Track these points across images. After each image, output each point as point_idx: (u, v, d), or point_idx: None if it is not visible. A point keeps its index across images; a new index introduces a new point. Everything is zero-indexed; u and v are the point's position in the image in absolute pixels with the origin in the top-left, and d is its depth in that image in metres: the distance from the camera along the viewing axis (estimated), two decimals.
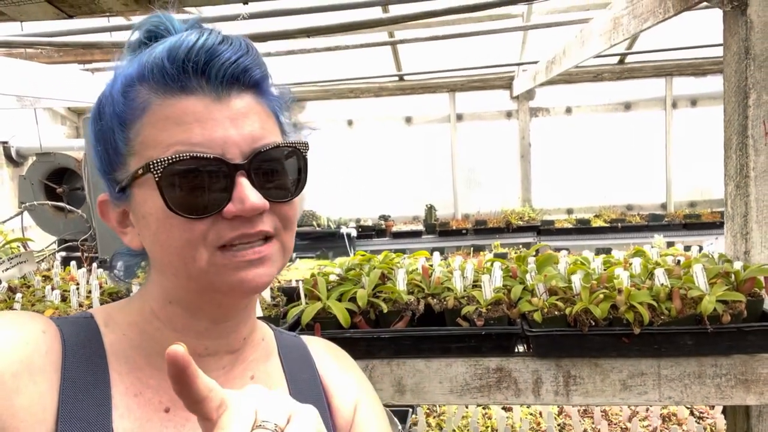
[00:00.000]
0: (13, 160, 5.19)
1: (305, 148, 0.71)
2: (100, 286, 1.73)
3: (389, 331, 1.41)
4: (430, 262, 1.69)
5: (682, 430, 2.43)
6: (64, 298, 1.67)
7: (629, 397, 1.35)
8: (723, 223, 1.60)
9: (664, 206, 5.83)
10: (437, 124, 6.13)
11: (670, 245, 1.85)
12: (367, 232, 5.51)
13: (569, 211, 6.00)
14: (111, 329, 0.72)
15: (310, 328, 1.41)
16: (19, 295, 1.66)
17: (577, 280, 1.41)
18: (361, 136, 6.19)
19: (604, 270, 1.53)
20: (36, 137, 4.56)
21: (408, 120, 6.17)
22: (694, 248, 1.84)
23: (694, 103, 5.73)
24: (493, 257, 1.76)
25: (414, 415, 2.52)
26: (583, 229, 5.17)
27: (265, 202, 0.65)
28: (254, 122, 0.67)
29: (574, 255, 1.72)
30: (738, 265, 1.39)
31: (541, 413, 2.65)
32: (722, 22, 1.53)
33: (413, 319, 1.45)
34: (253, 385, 0.54)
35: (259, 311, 1.52)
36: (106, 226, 0.72)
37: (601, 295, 1.34)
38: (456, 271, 1.52)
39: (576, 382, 1.35)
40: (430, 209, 5.60)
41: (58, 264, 2.07)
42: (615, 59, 5.57)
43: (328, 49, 4.30)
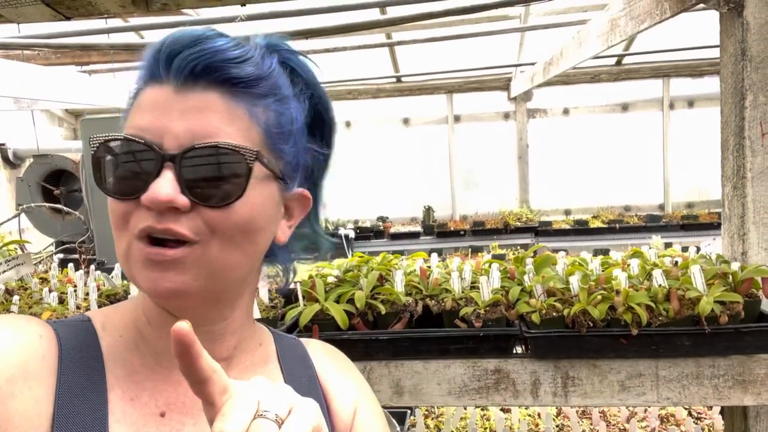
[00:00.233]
0: (10, 162, 5.19)
1: (252, 157, 0.64)
2: (98, 289, 1.73)
3: (387, 333, 1.41)
4: (428, 264, 1.69)
5: (680, 431, 2.44)
6: (61, 301, 1.66)
7: (627, 398, 1.35)
8: (720, 224, 1.60)
9: (661, 207, 5.84)
10: (435, 126, 6.14)
11: (667, 246, 1.86)
12: (365, 234, 5.52)
13: (567, 212, 6.01)
14: (108, 332, 0.71)
15: (308, 329, 1.41)
16: (17, 298, 1.65)
17: (575, 282, 1.41)
18: (359, 138, 6.19)
19: (602, 271, 1.53)
20: (33, 139, 4.55)
21: (406, 121, 6.17)
22: (691, 249, 1.84)
23: (691, 104, 5.74)
24: (491, 258, 1.75)
25: (412, 417, 2.52)
26: (581, 230, 5.17)
27: (175, 198, 0.61)
28: (207, 119, 0.63)
29: (572, 256, 1.72)
30: (735, 266, 1.39)
31: (539, 414, 2.65)
32: (719, 23, 1.54)
33: (411, 320, 1.45)
34: (258, 377, 0.54)
35: (257, 313, 1.52)
36: (104, 228, 0.73)
37: (599, 297, 1.34)
38: (454, 272, 1.52)
39: (574, 383, 1.35)
40: (428, 210, 5.60)
41: (56, 266, 2.06)
42: (612, 60, 5.58)
43: (326, 50, 4.30)
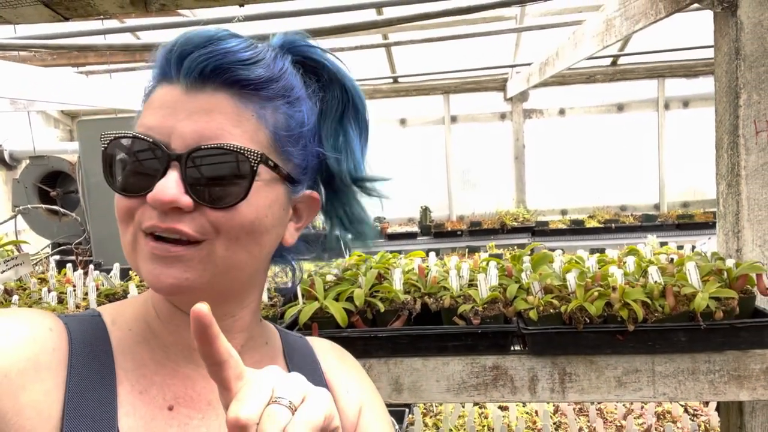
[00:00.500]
0: (7, 163, 5.17)
1: (256, 159, 0.64)
2: (97, 288, 1.73)
3: (386, 330, 1.41)
4: (426, 263, 1.70)
5: (677, 428, 2.45)
6: (60, 300, 1.67)
7: (624, 393, 1.36)
8: (715, 223, 1.61)
9: (657, 207, 5.87)
10: (432, 126, 6.15)
11: (663, 245, 1.87)
12: None
13: (563, 212, 6.03)
14: (118, 326, 0.72)
15: (307, 327, 1.42)
16: (16, 298, 1.65)
17: (572, 279, 1.42)
18: None
19: (599, 268, 1.54)
20: (29, 140, 4.55)
21: (402, 122, 6.18)
22: (687, 247, 1.86)
23: (686, 104, 5.77)
24: (488, 257, 1.77)
25: (411, 415, 2.53)
26: (577, 229, 5.19)
27: (178, 199, 0.62)
28: (214, 121, 0.64)
29: (568, 254, 1.73)
30: (730, 263, 1.40)
31: (537, 412, 2.66)
32: (713, 23, 1.55)
33: (410, 318, 1.46)
34: (272, 366, 0.55)
35: None
36: (101, 230, 0.74)
37: (596, 293, 1.35)
38: (452, 270, 1.53)
39: (571, 379, 1.37)
40: (425, 211, 5.61)
41: (54, 266, 2.06)
42: (607, 61, 5.61)
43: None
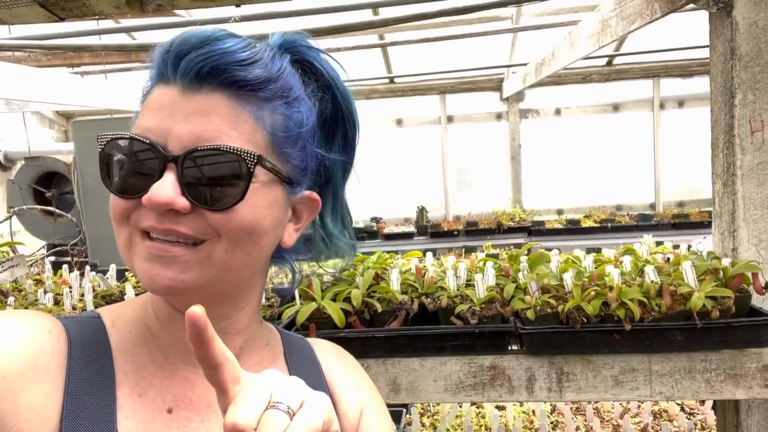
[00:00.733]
0: (1, 164, 5.15)
1: (253, 160, 0.64)
2: (93, 290, 1.73)
3: (384, 331, 1.41)
4: (423, 263, 1.70)
5: (673, 427, 2.46)
6: (57, 302, 1.66)
7: (621, 392, 1.36)
8: (711, 223, 1.62)
9: (652, 206, 5.89)
10: (428, 126, 6.15)
11: (658, 245, 1.87)
12: (359, 235, 5.52)
13: (559, 212, 6.04)
14: (117, 328, 0.72)
15: (304, 328, 1.42)
16: (12, 299, 1.65)
17: (569, 278, 1.43)
18: None
19: (596, 268, 1.55)
20: (24, 141, 4.53)
21: (399, 122, 6.19)
22: (683, 246, 1.86)
23: (681, 104, 5.80)
24: (485, 257, 1.77)
25: (408, 415, 2.53)
26: (573, 229, 5.21)
27: (174, 201, 0.62)
28: (210, 122, 0.63)
29: (565, 254, 1.74)
30: (726, 262, 1.41)
31: (534, 411, 2.66)
32: (708, 23, 1.56)
33: (407, 318, 1.46)
34: (271, 370, 0.55)
35: None
36: (96, 231, 0.74)
37: (593, 293, 1.35)
38: (449, 270, 1.53)
39: (569, 379, 1.37)
40: (422, 211, 5.61)
41: (50, 267, 2.05)
42: (603, 61, 5.63)
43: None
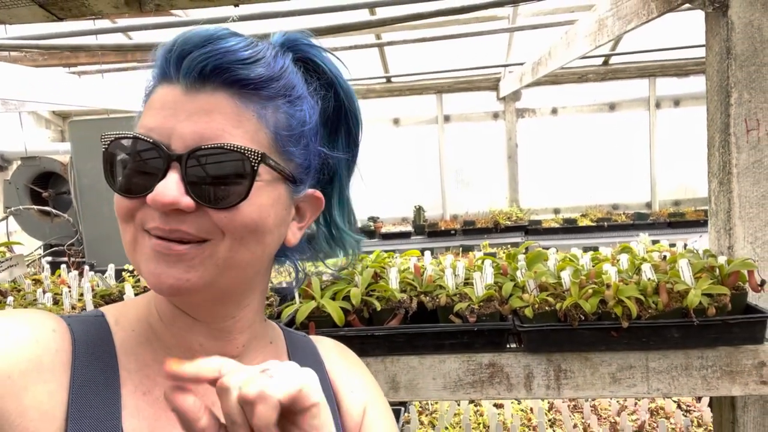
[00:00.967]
0: None
1: (256, 159, 0.64)
2: (92, 289, 1.73)
3: (383, 329, 1.42)
4: (421, 262, 1.71)
5: (670, 424, 2.47)
6: (56, 302, 1.66)
7: (618, 389, 1.37)
8: (707, 221, 1.63)
9: (649, 205, 5.91)
10: (425, 126, 6.16)
11: (655, 243, 1.89)
12: None
13: (556, 211, 6.06)
14: (121, 327, 0.72)
15: (304, 326, 1.42)
16: (11, 299, 1.65)
17: (567, 276, 1.44)
18: None
19: (593, 266, 1.56)
20: (21, 141, 4.52)
21: (396, 122, 6.19)
22: (679, 244, 1.87)
23: (677, 103, 5.82)
24: (483, 255, 1.78)
25: (406, 413, 2.54)
26: (570, 228, 5.22)
27: (179, 200, 0.62)
28: (214, 121, 0.63)
29: (562, 253, 1.75)
30: (722, 260, 1.42)
31: (532, 409, 2.68)
32: (704, 23, 1.57)
33: (406, 316, 1.46)
34: (271, 360, 0.55)
35: None
36: (93, 231, 0.73)
37: (590, 291, 1.36)
38: (448, 269, 1.54)
39: (567, 376, 1.38)
40: (419, 210, 5.62)
41: (48, 267, 2.05)
42: (599, 60, 5.64)
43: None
